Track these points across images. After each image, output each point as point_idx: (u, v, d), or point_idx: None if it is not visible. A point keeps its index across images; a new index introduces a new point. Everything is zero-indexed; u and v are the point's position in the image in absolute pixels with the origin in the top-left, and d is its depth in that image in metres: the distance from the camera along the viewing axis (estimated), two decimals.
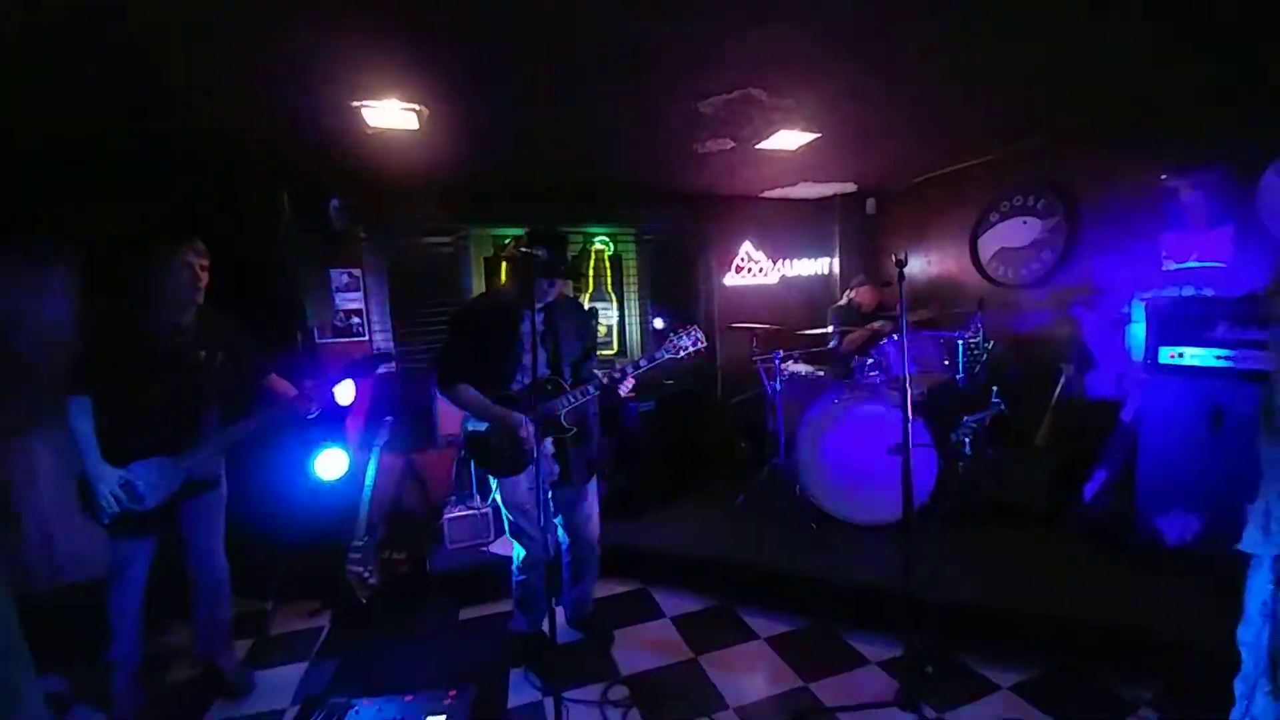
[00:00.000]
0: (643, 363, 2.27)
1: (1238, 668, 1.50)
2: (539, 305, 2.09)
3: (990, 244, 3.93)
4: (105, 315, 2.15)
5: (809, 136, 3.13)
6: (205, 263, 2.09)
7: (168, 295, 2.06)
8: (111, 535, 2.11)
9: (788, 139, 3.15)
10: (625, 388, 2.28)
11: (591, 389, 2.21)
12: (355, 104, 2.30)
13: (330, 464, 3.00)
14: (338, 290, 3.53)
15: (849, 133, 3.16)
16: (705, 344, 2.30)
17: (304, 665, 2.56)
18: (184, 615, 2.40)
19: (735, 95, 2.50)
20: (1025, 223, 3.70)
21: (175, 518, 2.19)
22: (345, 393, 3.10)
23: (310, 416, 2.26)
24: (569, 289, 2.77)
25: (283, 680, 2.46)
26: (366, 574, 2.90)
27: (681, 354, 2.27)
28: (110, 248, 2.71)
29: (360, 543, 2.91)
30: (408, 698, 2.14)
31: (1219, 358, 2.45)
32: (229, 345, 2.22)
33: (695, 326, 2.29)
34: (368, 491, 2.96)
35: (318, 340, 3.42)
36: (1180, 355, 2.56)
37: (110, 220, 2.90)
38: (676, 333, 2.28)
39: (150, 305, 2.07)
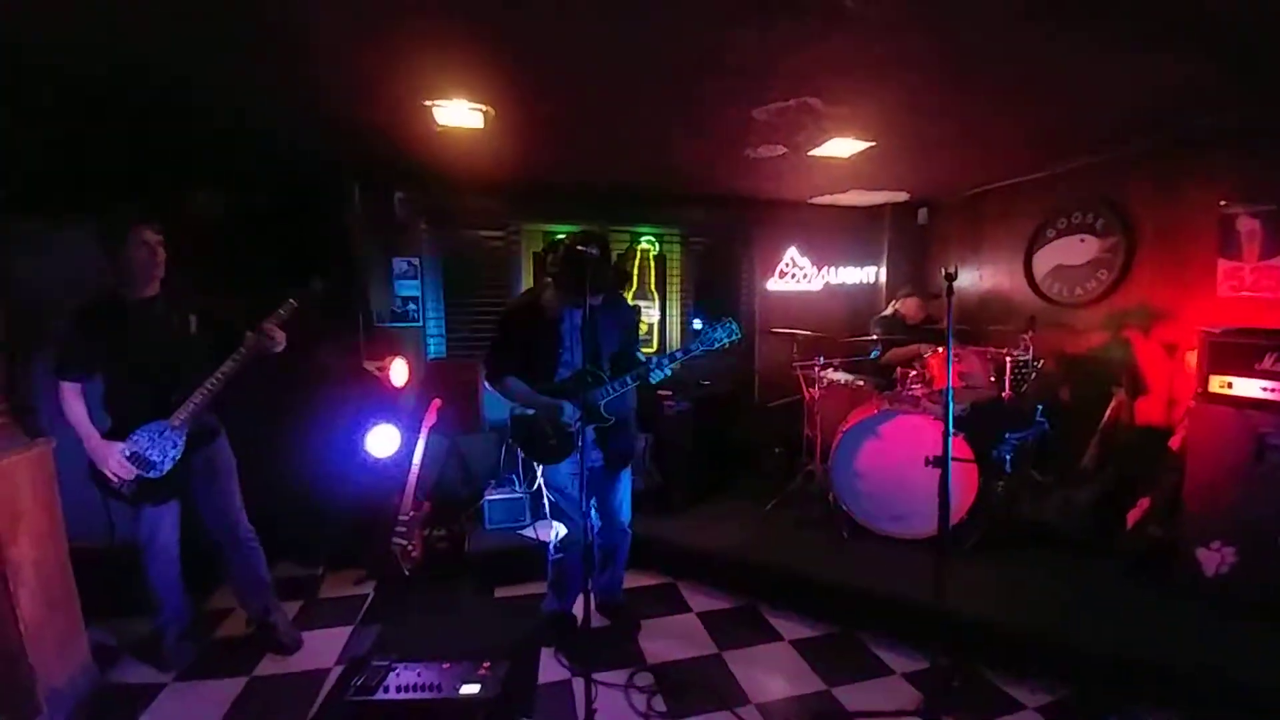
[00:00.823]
0: (678, 354, 2.35)
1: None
2: (583, 302, 2.16)
3: (1046, 260, 3.83)
4: (86, 297, 2.22)
5: (863, 145, 3.12)
6: (160, 239, 2.18)
7: (132, 271, 2.16)
8: (133, 506, 2.25)
9: (841, 146, 3.15)
10: (658, 376, 2.33)
11: (629, 379, 2.29)
12: (427, 103, 2.43)
13: (382, 442, 3.18)
14: (397, 277, 3.72)
15: (905, 142, 3.14)
16: (739, 336, 2.34)
17: (349, 629, 2.73)
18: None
19: (791, 103, 2.53)
20: (1083, 241, 3.60)
21: (188, 480, 2.30)
22: (399, 374, 3.29)
23: (276, 351, 2.27)
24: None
25: (329, 641, 2.62)
26: (410, 548, 3.06)
27: (716, 346, 2.33)
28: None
29: (405, 518, 3.07)
30: (445, 665, 2.25)
31: (1265, 389, 2.41)
32: (199, 312, 2.31)
33: (730, 319, 2.33)
34: (414, 470, 3.13)
35: (376, 324, 3.61)
36: (1230, 385, 2.51)
37: (206, 203, 3.13)
38: (711, 325, 2.33)
39: (120, 282, 2.18)
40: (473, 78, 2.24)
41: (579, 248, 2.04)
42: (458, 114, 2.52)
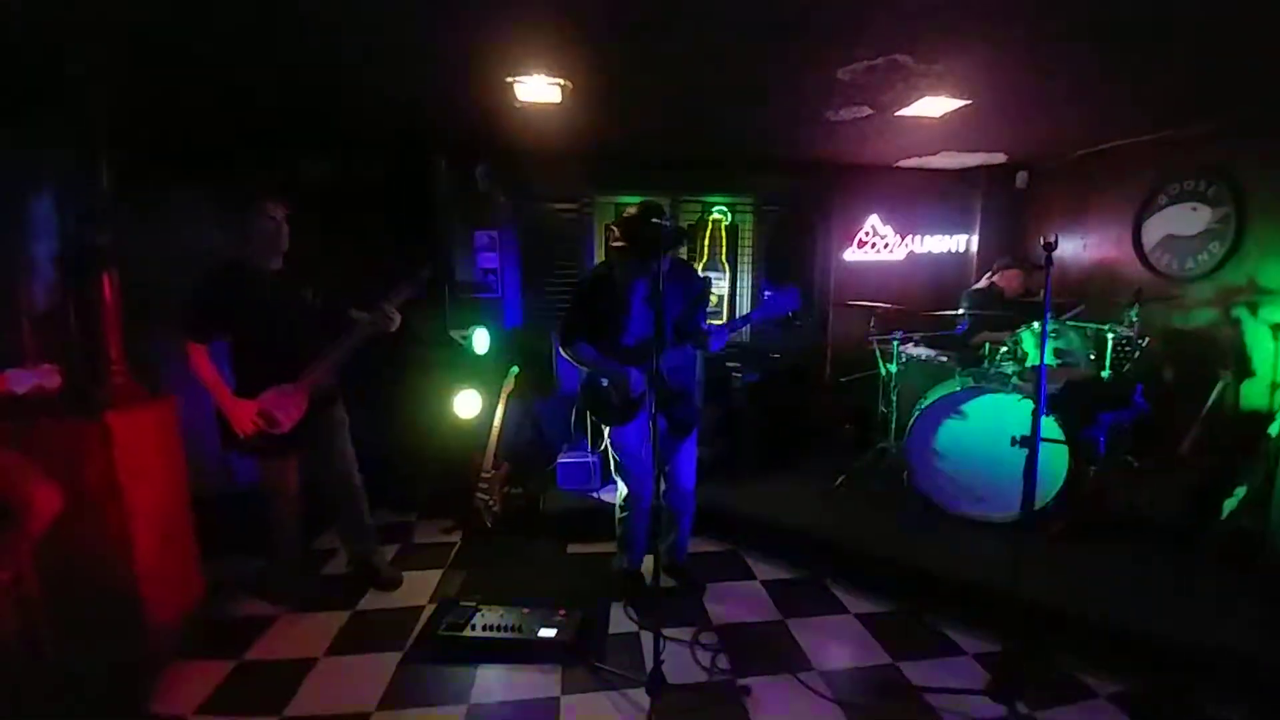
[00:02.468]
0: (737, 322, 2.39)
1: None
2: (649, 272, 2.23)
3: (1156, 229, 3.48)
4: (214, 262, 2.41)
5: (957, 103, 2.91)
6: (285, 213, 2.36)
7: (258, 242, 2.35)
8: (262, 460, 2.48)
9: (932, 105, 2.94)
10: (718, 344, 2.34)
11: (690, 347, 2.34)
12: (509, 79, 2.50)
13: (467, 404, 3.40)
14: (479, 250, 3.90)
15: (1004, 101, 2.90)
16: (801, 305, 2.33)
17: (440, 571, 2.99)
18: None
19: (879, 61, 2.40)
20: (1195, 209, 3.25)
21: (312, 436, 2.52)
22: (481, 342, 3.49)
23: (391, 330, 2.46)
24: (681, 252, 2.87)
25: (422, 581, 2.88)
26: (492, 503, 3.30)
27: (774, 314, 2.33)
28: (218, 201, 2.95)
29: (488, 475, 3.30)
30: (525, 610, 2.45)
31: None
32: (318, 285, 2.50)
33: (792, 285, 2.32)
34: (495, 431, 3.33)
35: (460, 294, 3.82)
36: None
37: (311, 173, 3.37)
38: (773, 292, 2.33)
39: (248, 252, 2.35)
40: (552, 51, 2.29)
41: (656, 220, 2.11)
42: (537, 89, 2.58)
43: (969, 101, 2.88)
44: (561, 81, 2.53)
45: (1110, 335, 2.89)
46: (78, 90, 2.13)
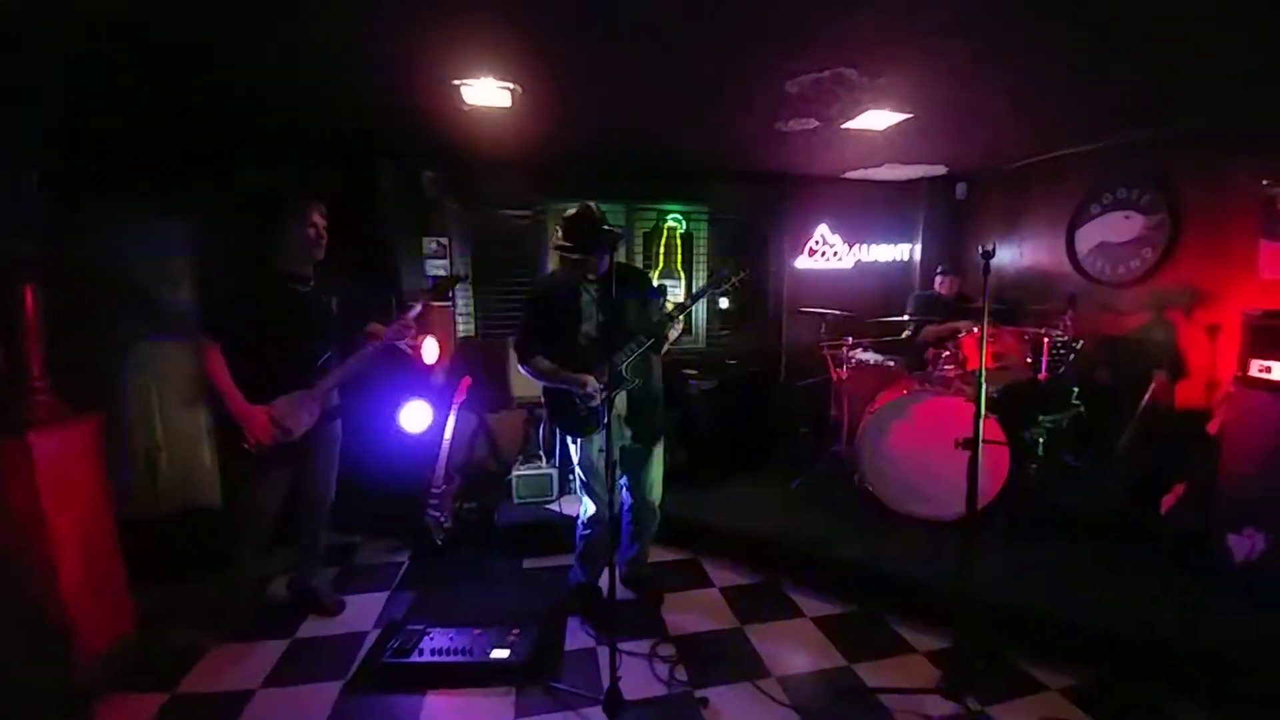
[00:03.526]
0: (687, 304, 2.44)
1: None
2: (594, 277, 2.34)
3: (1090, 237, 3.68)
4: (239, 265, 2.39)
5: (900, 117, 3.01)
6: (325, 222, 2.34)
7: (296, 248, 2.30)
8: (257, 470, 2.33)
9: (876, 119, 3.04)
10: (675, 331, 2.41)
11: (644, 339, 2.34)
12: (455, 82, 2.44)
13: (415, 417, 3.27)
14: (427, 257, 3.78)
15: (944, 114, 3.02)
16: (744, 272, 2.41)
17: (385, 594, 2.85)
18: (284, 541, 2.62)
19: (825, 74, 2.45)
20: (1128, 217, 3.44)
21: (309, 448, 2.43)
22: (430, 352, 3.37)
23: (402, 343, 2.49)
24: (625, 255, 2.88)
25: (366, 606, 2.74)
26: (442, 519, 3.18)
27: (723, 286, 2.42)
28: (246, 204, 2.99)
29: (438, 491, 3.18)
30: (476, 630, 2.36)
31: None
32: (340, 294, 2.46)
33: (734, 259, 2.39)
34: (446, 445, 3.22)
35: (408, 303, 3.68)
36: (1270, 369, 2.43)
37: (238, 182, 3.23)
38: (719, 270, 2.41)
39: (281, 256, 2.32)
40: (501, 55, 2.24)
41: (605, 228, 2.14)
42: (486, 92, 2.52)
43: (911, 115, 2.98)
44: (511, 85, 2.48)
45: (1046, 339, 3.03)
46: None
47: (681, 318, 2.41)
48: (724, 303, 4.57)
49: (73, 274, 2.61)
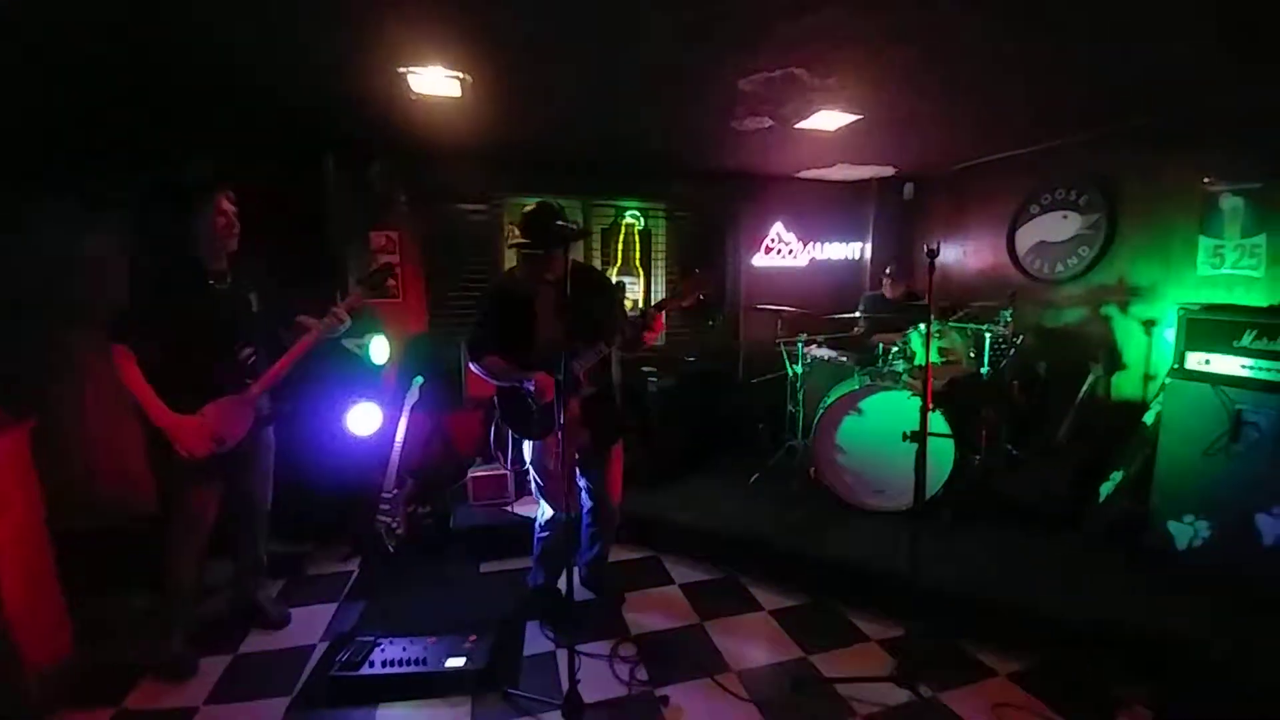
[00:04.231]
0: (651, 310, 2.34)
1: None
2: (553, 277, 2.26)
3: (1029, 236, 3.85)
4: (149, 264, 2.22)
5: (850, 118, 3.07)
6: (236, 209, 2.17)
7: (205, 240, 2.13)
8: (190, 482, 2.18)
9: (827, 119, 3.10)
10: (649, 338, 2.33)
11: (603, 346, 2.30)
12: (401, 70, 2.34)
13: (363, 419, 3.14)
14: (376, 251, 3.63)
15: (892, 116, 3.10)
16: (710, 289, 2.36)
17: (334, 605, 2.74)
18: (223, 552, 2.50)
19: (777, 74, 2.48)
20: (1065, 217, 3.62)
21: (243, 457, 2.28)
22: (379, 352, 3.25)
23: (339, 335, 2.32)
24: (578, 251, 2.84)
25: (314, 618, 2.63)
26: (395, 524, 3.07)
27: (689, 300, 2.35)
28: (154, 196, 2.80)
29: (389, 495, 3.07)
30: (431, 639, 2.28)
31: (1244, 367, 2.44)
32: (261, 287, 2.30)
33: (699, 270, 2.36)
34: (397, 447, 3.11)
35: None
36: (1207, 362, 2.54)
37: (164, 172, 3.03)
38: (681, 277, 2.36)
39: (191, 251, 2.14)
40: (449, 43, 2.16)
41: (559, 223, 2.08)
42: (434, 82, 2.43)
43: (860, 116, 3.05)
44: (461, 75, 2.40)
45: (988, 335, 3.15)
46: None
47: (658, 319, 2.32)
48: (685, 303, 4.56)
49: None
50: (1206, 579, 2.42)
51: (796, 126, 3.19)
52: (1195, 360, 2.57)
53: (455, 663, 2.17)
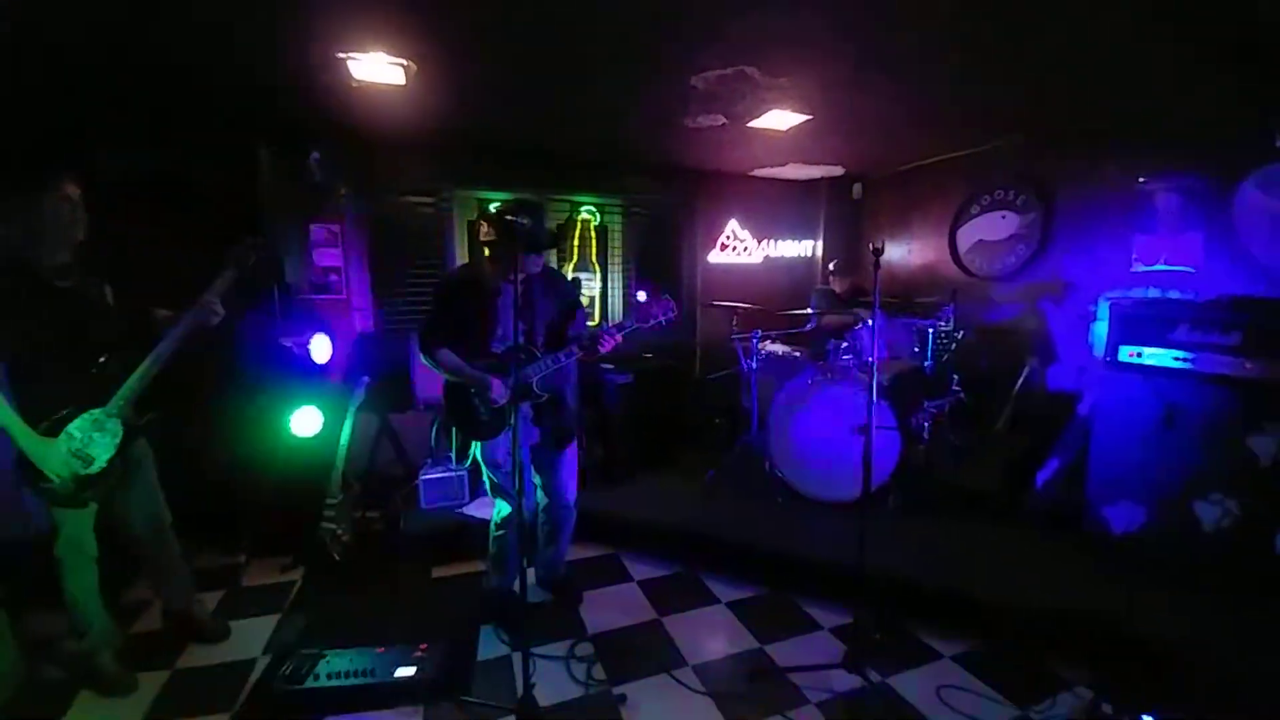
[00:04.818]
0: (613, 330, 2.32)
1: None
2: (515, 278, 2.10)
3: (969, 236, 4.02)
4: None
5: (800, 118, 3.13)
6: (79, 195, 1.94)
7: (47, 233, 1.89)
8: (60, 507, 1.98)
9: (779, 119, 3.15)
10: (605, 347, 2.30)
11: (562, 356, 2.27)
12: (341, 55, 2.23)
13: (305, 421, 3.00)
14: (316, 246, 3.46)
15: (840, 117, 3.18)
16: (675, 314, 2.34)
17: (276, 617, 2.61)
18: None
19: (729, 72, 2.49)
20: (1004, 217, 3.79)
21: (119, 473, 2.06)
22: (320, 350, 3.10)
23: (214, 324, 2.08)
24: (550, 258, 2.79)
25: (255, 631, 2.50)
26: (340, 531, 2.94)
27: (650, 323, 2.33)
28: None
29: (334, 501, 2.94)
30: (379, 650, 2.20)
31: (1177, 359, 2.52)
32: (114, 283, 2.09)
33: (668, 296, 2.34)
34: (343, 450, 2.98)
35: (295, 296, 3.37)
36: (1139, 354, 2.63)
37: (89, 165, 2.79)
38: (647, 302, 2.34)
39: (31, 246, 1.89)
40: (391, 28, 2.07)
41: (509, 217, 1.98)
42: (376, 68, 2.34)
43: (810, 117, 3.11)
44: (404, 62, 2.31)
45: (931, 330, 3.28)
46: None
47: (604, 342, 2.28)
48: (642, 295, 4.55)
49: None
50: (1146, 563, 2.49)
51: (749, 125, 3.24)
52: (1127, 353, 2.66)
53: (405, 672, 2.10)
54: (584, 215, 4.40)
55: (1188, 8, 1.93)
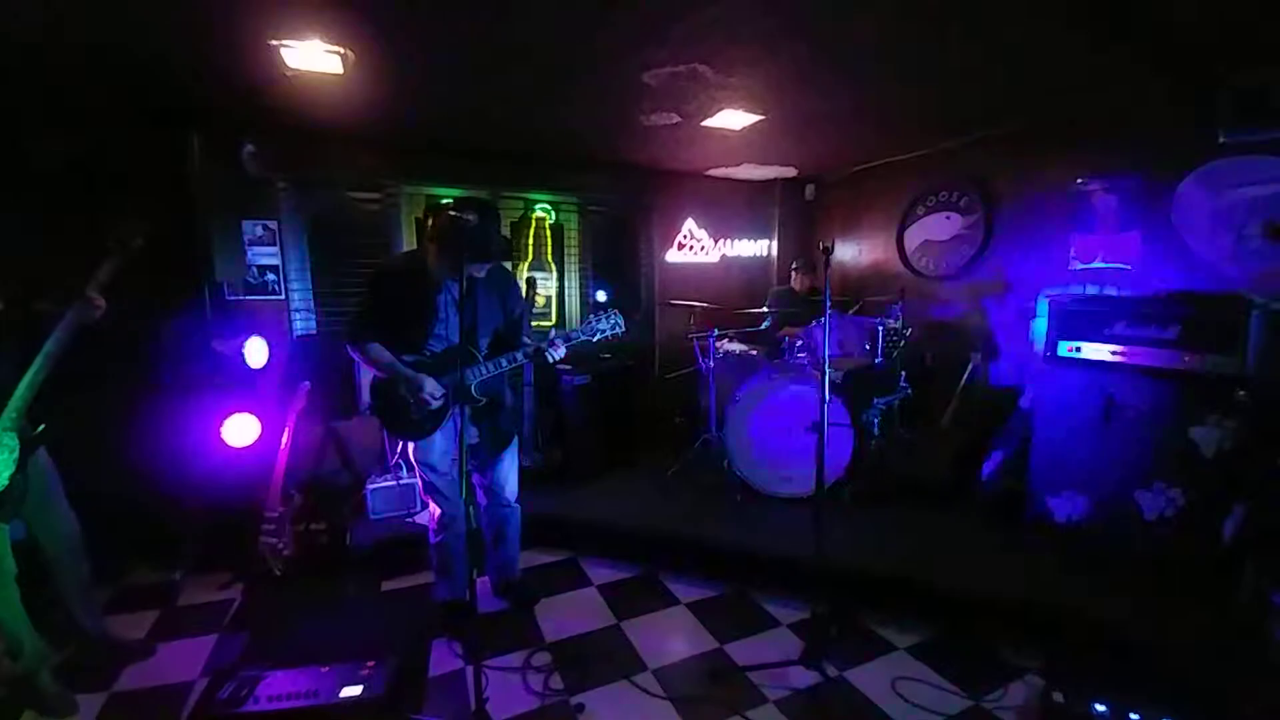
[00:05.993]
0: (558, 340, 2.27)
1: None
2: (458, 276, 2.01)
3: (915, 236, 4.14)
4: None
5: (754, 118, 3.15)
6: None
7: None
8: None
9: (732, 118, 3.16)
10: (555, 354, 2.27)
11: (504, 362, 2.21)
12: (273, 42, 2.10)
13: (240, 430, 2.83)
14: (250, 244, 3.27)
15: (792, 117, 3.21)
16: (623, 330, 2.33)
17: (214, 637, 2.46)
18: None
19: (681, 69, 2.48)
20: (948, 218, 3.92)
21: (22, 491, 1.91)
22: (256, 355, 2.93)
23: (96, 318, 1.93)
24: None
25: (190, 652, 2.36)
26: (280, 545, 2.79)
27: (597, 337, 2.30)
28: None
29: (274, 514, 2.78)
30: (324, 668, 2.09)
31: (1114, 353, 2.61)
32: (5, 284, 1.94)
33: (616, 311, 2.32)
34: (282, 460, 2.83)
35: (227, 297, 3.17)
36: (1078, 349, 2.72)
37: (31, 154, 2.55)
38: (597, 315, 2.31)
39: None
40: (325, 13, 1.96)
41: (456, 214, 1.91)
42: (311, 56, 2.21)
43: (762, 117, 3.13)
44: (341, 50, 2.19)
45: (880, 328, 3.35)
46: None
47: (551, 352, 2.24)
48: (601, 295, 4.51)
49: None
50: (1089, 550, 2.59)
51: (703, 124, 3.23)
52: (1066, 347, 2.76)
53: (351, 692, 1.99)
54: (539, 213, 4.32)
55: (1110, 9, 2.01)
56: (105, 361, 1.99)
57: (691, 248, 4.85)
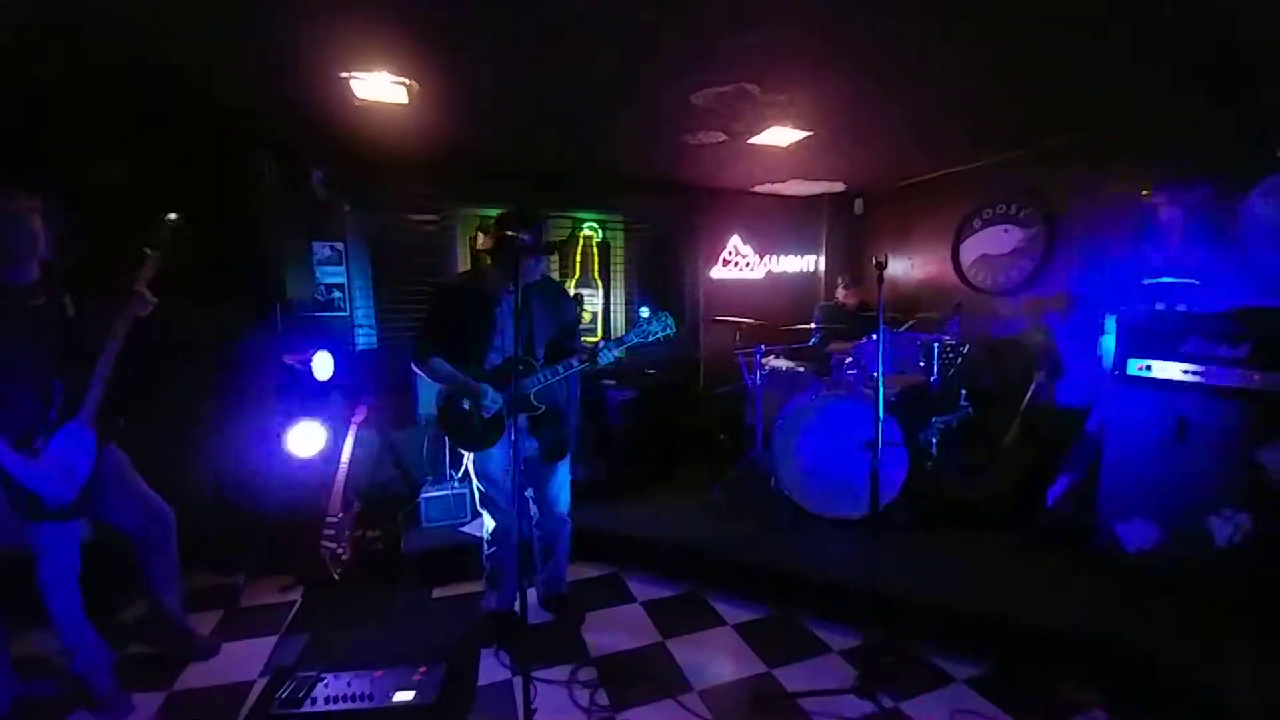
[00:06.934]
0: (612, 344, 2.30)
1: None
2: (514, 288, 2.08)
3: (971, 250, 4.01)
4: None
5: (801, 134, 3.14)
6: (40, 210, 1.92)
7: (9, 251, 1.88)
8: (50, 521, 1.95)
9: (779, 135, 3.16)
10: (609, 356, 2.29)
11: (560, 369, 2.25)
12: (344, 75, 2.25)
13: (305, 440, 2.98)
14: (319, 263, 3.47)
15: (840, 133, 3.19)
16: (674, 331, 2.33)
17: (274, 638, 2.56)
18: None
19: (728, 89, 2.50)
20: (1006, 231, 3.78)
21: (96, 494, 2.03)
22: (322, 368, 3.09)
23: (146, 313, 2.01)
24: (550, 268, 2.79)
25: (252, 652, 2.46)
26: (340, 551, 2.90)
27: (650, 339, 2.33)
28: None
29: (334, 520, 2.91)
30: (377, 673, 2.14)
31: (1186, 372, 2.47)
32: (73, 290, 2.05)
33: (666, 313, 2.33)
34: (343, 468, 2.95)
35: (298, 314, 3.37)
36: (1148, 368, 2.58)
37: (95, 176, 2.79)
38: (648, 319, 2.34)
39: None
40: (394, 48, 2.09)
41: (508, 229, 1.99)
42: (379, 88, 2.36)
43: (811, 133, 3.12)
44: (407, 81, 2.33)
45: (936, 345, 3.25)
46: None
47: (605, 357, 2.27)
48: (644, 311, 4.54)
49: None
50: (1159, 581, 2.44)
51: (749, 142, 3.25)
52: (1136, 366, 2.61)
53: (403, 697, 2.03)
54: (586, 232, 4.42)
55: (1174, 35, 1.93)
56: (180, 370, 2.11)
57: (737, 264, 4.84)
